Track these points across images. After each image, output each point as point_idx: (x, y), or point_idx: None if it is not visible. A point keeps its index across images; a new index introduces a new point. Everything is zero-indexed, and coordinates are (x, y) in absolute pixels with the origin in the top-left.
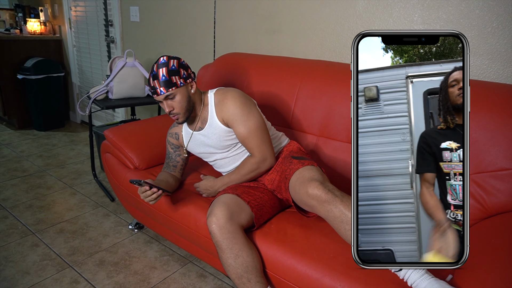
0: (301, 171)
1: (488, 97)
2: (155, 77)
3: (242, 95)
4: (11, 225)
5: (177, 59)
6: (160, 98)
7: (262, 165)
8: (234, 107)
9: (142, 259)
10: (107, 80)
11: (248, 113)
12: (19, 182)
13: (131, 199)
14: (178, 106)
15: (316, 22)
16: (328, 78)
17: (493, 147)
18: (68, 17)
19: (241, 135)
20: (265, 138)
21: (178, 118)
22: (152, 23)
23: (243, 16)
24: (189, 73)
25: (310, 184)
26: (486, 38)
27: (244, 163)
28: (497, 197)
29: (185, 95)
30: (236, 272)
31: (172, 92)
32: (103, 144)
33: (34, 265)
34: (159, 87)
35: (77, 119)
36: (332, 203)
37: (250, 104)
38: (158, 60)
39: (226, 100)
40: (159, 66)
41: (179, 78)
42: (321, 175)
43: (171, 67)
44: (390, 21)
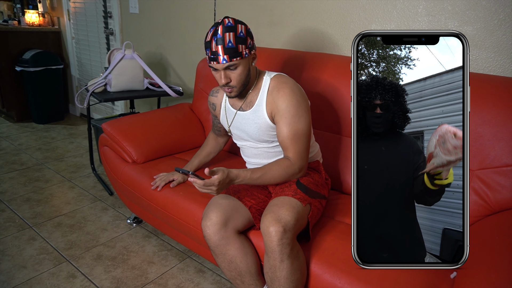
0: (285, 200)
1: (494, 91)
2: (219, 41)
3: (301, 93)
4: (8, 218)
5: (244, 24)
6: (219, 67)
7: (298, 174)
8: (288, 103)
9: (140, 253)
10: (105, 73)
11: (301, 115)
12: (17, 175)
13: (130, 193)
14: (237, 78)
15: (318, 14)
16: (330, 71)
17: (498, 142)
18: (67, 8)
19: (284, 136)
20: (308, 147)
21: (232, 92)
22: (152, 15)
23: (244, 8)
24: (254, 43)
25: (276, 222)
26: (492, 30)
27: (279, 166)
28: (501, 194)
29: (246, 68)
30: (230, 274)
31: (235, 62)
32: (101, 137)
33: (30, 259)
34: (222, 54)
35: (76, 112)
36: (278, 259)
37: (305, 105)
38: (222, 21)
39: (283, 92)
40: (225, 29)
41: (245, 48)
42: (295, 221)
43: (239, 34)
44: (394, 13)
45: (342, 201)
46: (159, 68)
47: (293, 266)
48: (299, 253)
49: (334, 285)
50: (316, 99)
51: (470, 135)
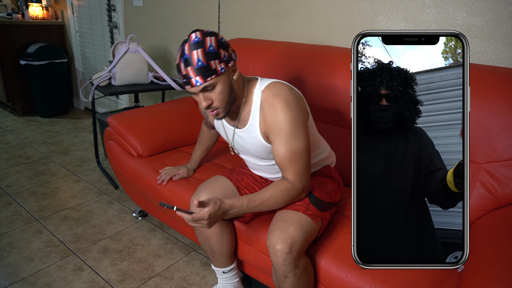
0: (295, 217)
1: (503, 84)
2: (187, 62)
3: (296, 104)
4: (15, 211)
5: (214, 35)
6: (195, 90)
7: (301, 195)
8: (283, 121)
9: (146, 247)
10: (110, 66)
11: (298, 132)
12: (23, 168)
13: (135, 187)
14: (218, 98)
15: (323, 6)
16: (336, 64)
17: (507, 135)
18: (71, 1)
19: (281, 156)
20: (308, 164)
21: (218, 114)
22: (155, 8)
23: (248, 1)
24: (230, 54)
25: (283, 241)
26: (502, 21)
27: (279, 191)
28: (510, 187)
29: (227, 84)
30: (204, 247)
31: (211, 82)
32: (106, 131)
33: (38, 251)
34: (194, 76)
35: (80, 106)
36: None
37: (302, 118)
38: (189, 38)
39: (275, 109)
40: (192, 46)
41: (219, 62)
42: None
43: (209, 48)
44: (401, 4)
45: (349, 194)
46: (163, 61)
47: (299, 282)
48: (307, 268)
49: (341, 278)
50: (322, 92)
51: (478, 128)
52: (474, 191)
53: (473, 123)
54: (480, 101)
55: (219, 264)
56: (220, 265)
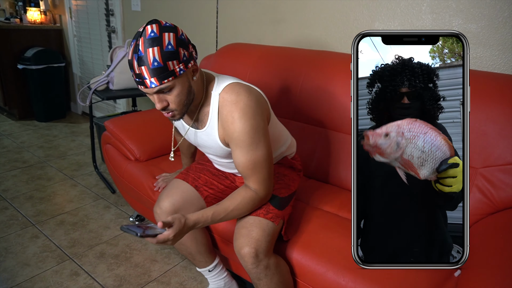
0: (255, 221)
1: (498, 89)
2: (141, 61)
3: (255, 110)
4: (11, 216)
5: (173, 31)
6: (149, 92)
7: (265, 201)
8: (241, 131)
9: (143, 252)
10: (108, 71)
11: (258, 142)
12: (20, 173)
13: (132, 191)
14: (175, 101)
15: (321, 11)
16: (333, 68)
17: (502, 140)
18: (69, 6)
19: (243, 166)
20: (271, 170)
21: (174, 116)
22: (154, 13)
23: (246, 6)
24: (190, 52)
25: (248, 246)
26: (497, 28)
27: (243, 200)
28: (506, 192)
29: (185, 86)
30: (182, 252)
31: (168, 84)
32: (103, 135)
33: (34, 256)
34: (149, 77)
35: (78, 110)
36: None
37: (262, 126)
38: (144, 31)
39: (232, 119)
40: (147, 43)
41: (177, 63)
42: (267, 243)
43: (167, 47)
44: (397, 10)
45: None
46: None
47: (273, 282)
48: (279, 267)
49: (338, 283)
50: (319, 97)
51: (474, 133)
52: (470, 196)
53: (470, 128)
54: (476, 106)
55: (202, 264)
56: (203, 265)
